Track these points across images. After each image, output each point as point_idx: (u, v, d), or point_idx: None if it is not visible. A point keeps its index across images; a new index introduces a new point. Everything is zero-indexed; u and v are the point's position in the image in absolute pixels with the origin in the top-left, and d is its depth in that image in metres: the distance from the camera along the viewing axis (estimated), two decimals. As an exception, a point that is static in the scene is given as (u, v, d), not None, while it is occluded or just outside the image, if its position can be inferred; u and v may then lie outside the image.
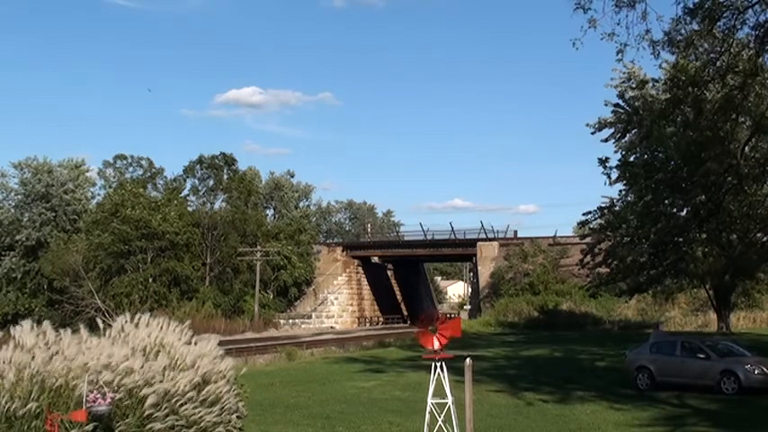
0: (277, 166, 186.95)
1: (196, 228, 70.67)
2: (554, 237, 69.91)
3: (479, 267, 72.70)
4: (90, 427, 7.42)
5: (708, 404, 18.38)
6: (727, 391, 19.38)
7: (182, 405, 8.28)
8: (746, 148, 28.11)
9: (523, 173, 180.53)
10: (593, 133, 40.83)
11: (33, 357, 7.83)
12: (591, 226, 42.36)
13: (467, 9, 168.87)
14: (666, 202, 36.02)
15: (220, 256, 71.88)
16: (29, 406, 7.35)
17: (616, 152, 40.34)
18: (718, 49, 22.36)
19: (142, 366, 8.18)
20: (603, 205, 40.11)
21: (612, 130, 39.85)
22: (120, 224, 65.58)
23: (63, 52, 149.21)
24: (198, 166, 78.42)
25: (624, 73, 40.23)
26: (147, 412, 7.91)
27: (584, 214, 41.29)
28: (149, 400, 7.93)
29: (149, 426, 7.89)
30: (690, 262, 37.42)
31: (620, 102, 40.25)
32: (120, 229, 65.34)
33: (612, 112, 40.26)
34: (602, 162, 37.79)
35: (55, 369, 7.75)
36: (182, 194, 78.31)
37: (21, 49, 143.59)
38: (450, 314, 73.37)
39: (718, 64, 22.93)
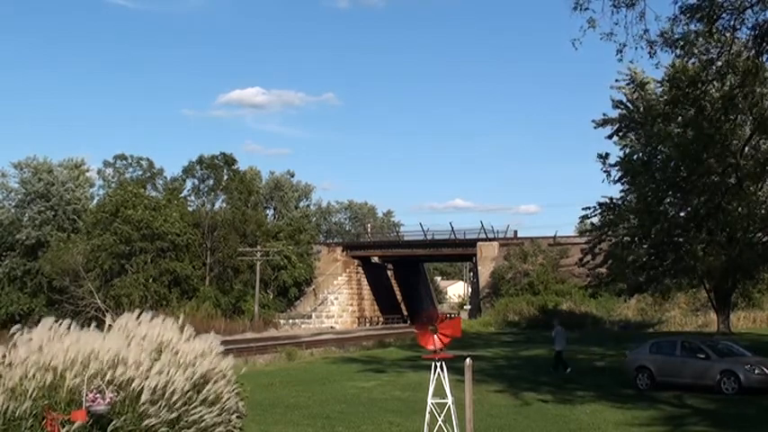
0: (277, 166, 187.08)
1: (196, 228, 70.71)
2: (554, 237, 69.92)
3: (479, 267, 72.73)
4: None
5: (708, 404, 18.38)
6: (727, 391, 19.37)
7: (180, 403, 8.27)
8: (746, 147, 28.13)
9: (524, 173, 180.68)
10: (595, 128, 40.77)
11: (40, 355, 7.81)
12: (591, 221, 42.23)
13: (467, 9, 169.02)
14: (666, 201, 35.96)
15: (220, 256, 71.94)
16: (25, 405, 7.33)
17: (622, 149, 40.28)
18: (718, 49, 22.35)
19: (140, 361, 8.15)
20: (604, 201, 40.01)
21: (615, 127, 39.76)
22: (121, 224, 65.63)
23: (63, 52, 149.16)
24: (198, 166, 78.46)
25: (627, 75, 40.19)
26: (142, 408, 7.89)
27: (584, 209, 41.25)
28: (144, 395, 7.91)
29: (146, 422, 7.87)
30: (690, 261, 37.37)
31: (624, 100, 40.19)
32: (122, 229, 65.37)
33: (615, 108, 40.21)
34: (602, 158, 37.58)
35: (55, 366, 7.74)
36: (182, 195, 78.36)
37: (21, 49, 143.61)
38: (451, 314, 73.34)
39: (718, 64, 22.93)
